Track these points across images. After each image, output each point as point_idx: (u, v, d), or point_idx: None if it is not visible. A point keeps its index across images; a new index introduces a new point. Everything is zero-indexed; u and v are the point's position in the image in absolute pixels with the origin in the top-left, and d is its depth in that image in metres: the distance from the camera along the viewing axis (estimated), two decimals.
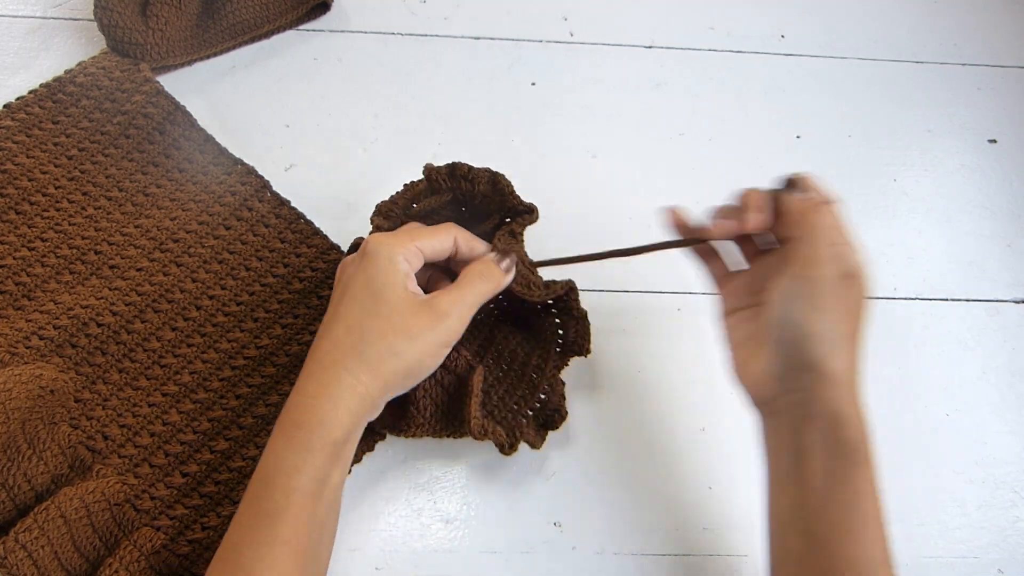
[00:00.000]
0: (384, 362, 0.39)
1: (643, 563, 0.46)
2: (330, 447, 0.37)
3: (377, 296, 0.39)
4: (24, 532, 0.39)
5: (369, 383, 0.38)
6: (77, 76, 0.56)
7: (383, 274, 0.40)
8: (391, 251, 0.40)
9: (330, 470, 0.37)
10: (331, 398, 0.38)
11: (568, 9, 0.67)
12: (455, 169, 0.46)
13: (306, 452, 0.37)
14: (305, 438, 0.37)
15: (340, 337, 0.39)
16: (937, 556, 0.49)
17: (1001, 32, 0.71)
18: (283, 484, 0.36)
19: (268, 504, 0.36)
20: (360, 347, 0.39)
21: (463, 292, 0.41)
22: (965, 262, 0.59)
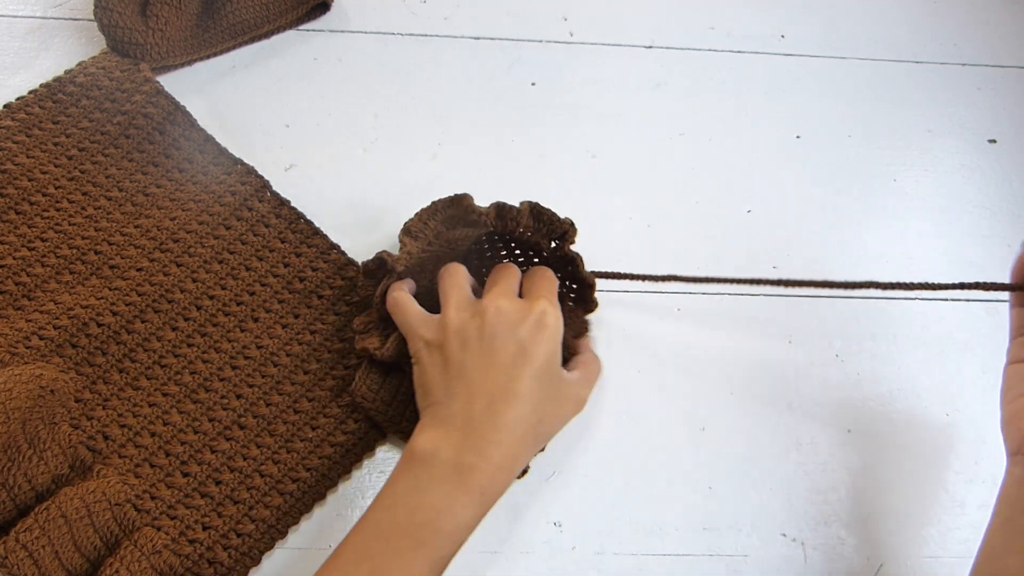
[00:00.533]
0: (545, 441, 0.44)
1: (643, 563, 0.46)
2: (489, 504, 0.41)
3: (553, 376, 0.43)
4: (25, 532, 0.39)
5: (530, 458, 0.44)
6: (77, 76, 0.56)
7: (558, 354, 0.43)
8: (559, 324, 0.43)
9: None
10: (508, 472, 0.41)
11: (568, 9, 0.67)
12: (501, 211, 0.46)
13: (478, 509, 0.40)
14: (478, 499, 0.40)
15: (528, 414, 0.42)
16: (937, 556, 0.49)
17: (1001, 32, 0.71)
18: (450, 534, 0.39)
19: (435, 552, 0.39)
20: (541, 428, 0.43)
21: (592, 384, 0.47)
22: (965, 262, 0.59)
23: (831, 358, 0.54)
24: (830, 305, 0.56)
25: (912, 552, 0.49)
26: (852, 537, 0.49)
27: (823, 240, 0.59)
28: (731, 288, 0.56)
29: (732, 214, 0.59)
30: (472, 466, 0.39)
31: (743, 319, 0.55)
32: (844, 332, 0.55)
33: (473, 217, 0.46)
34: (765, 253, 0.58)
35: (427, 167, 0.58)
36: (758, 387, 0.53)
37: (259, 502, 0.45)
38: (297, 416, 0.47)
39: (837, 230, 0.60)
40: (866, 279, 0.57)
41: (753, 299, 0.56)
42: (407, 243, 0.46)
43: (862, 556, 0.48)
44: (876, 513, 0.50)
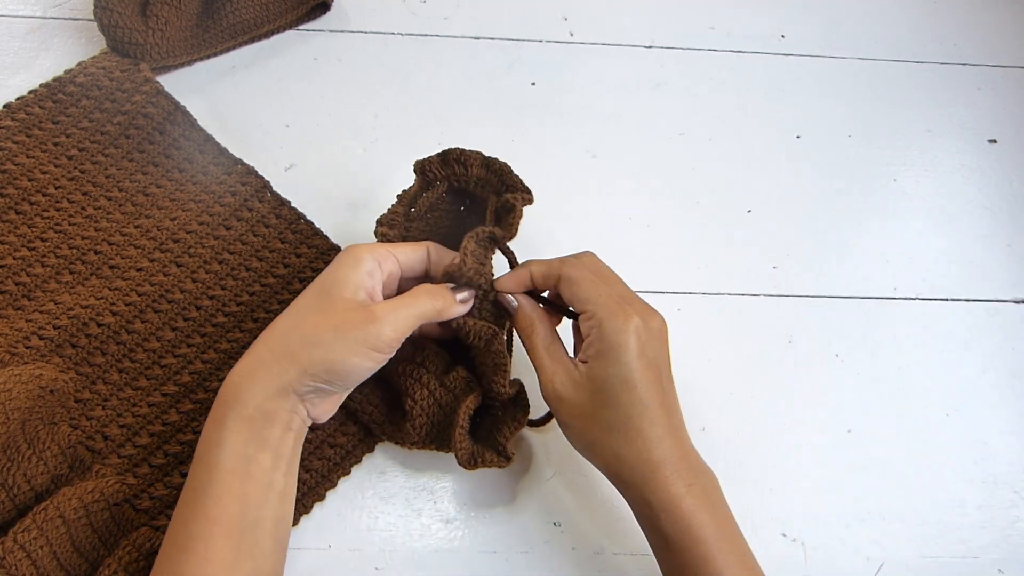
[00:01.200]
0: (305, 349, 0.39)
1: (643, 563, 0.46)
2: (246, 424, 0.38)
3: (324, 293, 0.41)
4: (23, 532, 0.39)
5: (287, 366, 0.39)
6: (77, 76, 0.56)
7: (339, 273, 0.41)
8: (359, 252, 0.41)
9: (254, 451, 0.38)
10: (247, 376, 0.39)
11: (568, 9, 0.67)
12: (447, 155, 0.46)
13: (222, 427, 0.38)
14: (222, 414, 0.38)
15: (277, 324, 0.41)
16: (937, 556, 0.49)
17: (1001, 32, 0.71)
18: (206, 460, 0.38)
19: (195, 482, 0.38)
20: (288, 332, 0.40)
21: (404, 303, 0.41)
22: (965, 262, 0.59)
23: (831, 358, 0.54)
24: (830, 305, 0.56)
25: (912, 552, 0.49)
26: (852, 537, 0.49)
27: (823, 240, 0.59)
28: (731, 288, 0.56)
29: (732, 214, 0.59)
30: (223, 383, 0.40)
31: (743, 319, 0.55)
32: (844, 332, 0.55)
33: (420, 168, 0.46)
34: (765, 253, 0.58)
35: None
36: (758, 387, 0.53)
37: None
38: None
39: (837, 230, 0.60)
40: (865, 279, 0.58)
41: (753, 299, 0.56)
42: (381, 231, 0.46)
43: (862, 556, 0.48)
44: (876, 513, 0.49)
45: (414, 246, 0.44)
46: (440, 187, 0.47)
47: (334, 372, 0.39)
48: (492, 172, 0.46)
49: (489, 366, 0.44)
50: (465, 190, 0.48)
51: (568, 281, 0.42)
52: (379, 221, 0.46)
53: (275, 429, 0.39)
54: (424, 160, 0.47)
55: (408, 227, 0.47)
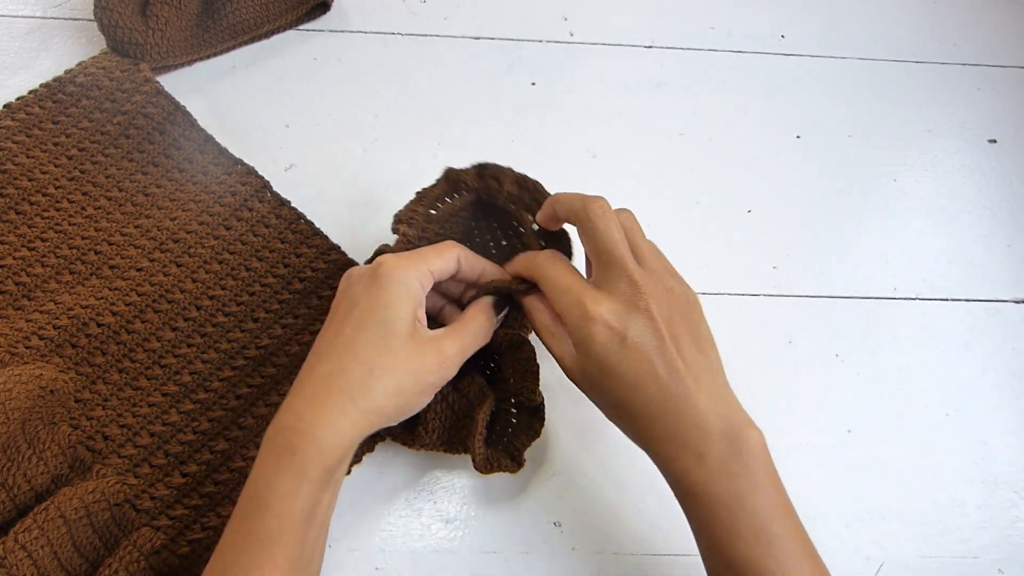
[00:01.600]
0: (389, 399, 0.38)
1: (643, 563, 0.46)
2: (325, 474, 0.37)
3: (389, 328, 0.38)
4: (24, 532, 0.39)
5: (373, 419, 0.38)
6: (77, 76, 0.56)
7: (396, 304, 0.39)
8: (406, 277, 0.39)
9: (322, 495, 0.37)
10: (332, 427, 0.37)
11: (568, 9, 0.67)
12: (483, 169, 0.46)
13: (301, 478, 0.36)
14: (301, 464, 0.36)
15: (347, 366, 0.38)
16: (937, 556, 0.49)
17: (1001, 32, 0.71)
18: (277, 510, 0.36)
19: (261, 529, 0.36)
20: (369, 381, 0.38)
21: (468, 339, 0.41)
22: (965, 262, 0.59)
23: (831, 358, 0.54)
24: (830, 305, 0.56)
25: (912, 552, 0.49)
26: (852, 537, 0.49)
27: (823, 240, 0.59)
28: (731, 288, 0.56)
29: (732, 214, 0.59)
30: (285, 426, 0.37)
31: (743, 319, 0.55)
32: (844, 332, 0.55)
33: (454, 177, 0.46)
34: (765, 253, 0.58)
35: (427, 167, 0.58)
36: (758, 387, 0.53)
37: None
38: None
39: (837, 230, 0.60)
40: (865, 279, 0.58)
41: (753, 299, 0.56)
42: (401, 229, 0.46)
43: (862, 556, 0.48)
44: (876, 513, 0.49)
45: (445, 254, 0.43)
46: (468, 197, 0.47)
47: (407, 413, 0.41)
48: (524, 190, 0.46)
49: (519, 372, 0.44)
50: (492, 204, 0.48)
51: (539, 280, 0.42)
52: (398, 218, 0.46)
53: (342, 469, 0.39)
54: (459, 170, 0.47)
55: (425, 227, 0.47)
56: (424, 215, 0.47)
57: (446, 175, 0.47)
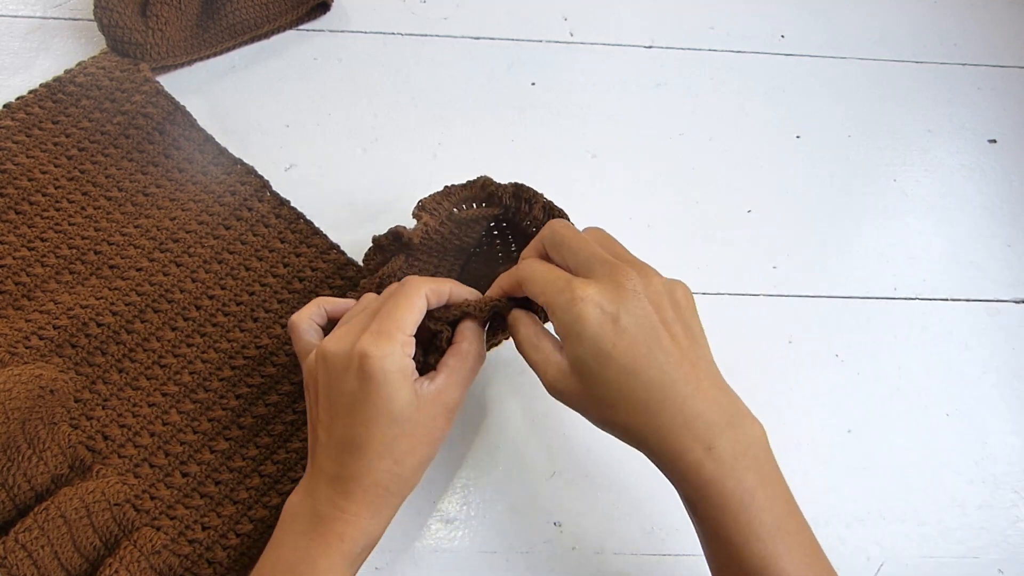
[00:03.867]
0: (417, 473, 0.41)
1: (643, 563, 0.46)
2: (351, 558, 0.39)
3: (399, 419, 0.39)
4: (24, 532, 0.39)
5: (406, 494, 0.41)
6: (77, 76, 0.56)
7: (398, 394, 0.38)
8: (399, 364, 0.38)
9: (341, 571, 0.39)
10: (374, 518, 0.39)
11: (568, 9, 0.67)
12: (520, 189, 0.47)
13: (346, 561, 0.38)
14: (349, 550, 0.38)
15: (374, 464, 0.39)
16: (937, 556, 0.49)
17: (1001, 32, 0.71)
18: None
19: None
20: (397, 470, 0.39)
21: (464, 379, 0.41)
22: (965, 262, 0.59)
23: (831, 358, 0.54)
24: (830, 305, 0.56)
25: (912, 552, 0.49)
26: (852, 537, 0.49)
27: (823, 240, 0.59)
28: (731, 288, 0.56)
29: (732, 214, 0.59)
30: (325, 515, 0.39)
31: (743, 319, 0.55)
32: (844, 332, 0.55)
33: (491, 189, 0.47)
34: (765, 253, 0.58)
35: (427, 167, 0.58)
36: (758, 387, 0.53)
37: (257, 502, 0.45)
38: (295, 416, 0.47)
39: (837, 230, 0.60)
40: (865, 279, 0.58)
41: (753, 299, 0.56)
42: (423, 217, 0.46)
43: (862, 556, 0.48)
44: (876, 513, 0.49)
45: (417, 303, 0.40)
46: (494, 210, 0.48)
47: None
48: (550, 216, 0.47)
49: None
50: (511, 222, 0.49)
51: (524, 282, 0.41)
52: (422, 205, 0.47)
53: None
54: (496, 183, 0.47)
55: (444, 222, 0.48)
56: (447, 211, 0.47)
57: (482, 184, 0.48)
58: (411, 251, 0.47)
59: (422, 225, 0.46)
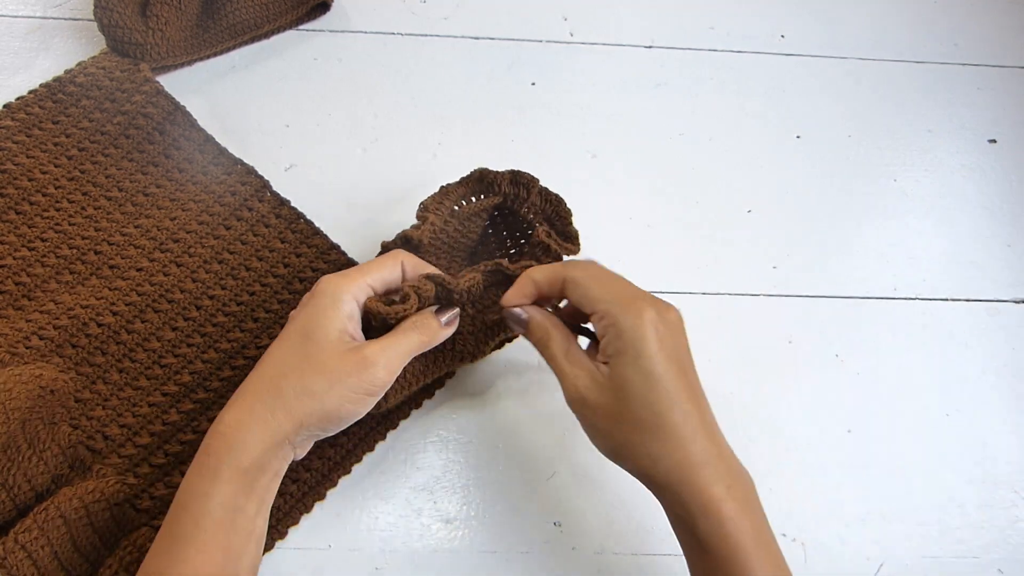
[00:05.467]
0: (299, 400, 0.38)
1: (643, 563, 0.46)
2: (239, 476, 0.37)
3: (308, 336, 0.39)
4: (24, 532, 0.39)
5: (283, 419, 0.38)
6: (77, 76, 0.56)
7: (320, 314, 0.40)
8: (337, 290, 0.40)
9: (243, 501, 0.37)
10: (242, 427, 0.38)
11: (568, 9, 0.67)
12: (517, 175, 0.48)
13: (214, 479, 0.37)
14: (214, 465, 0.37)
15: (264, 371, 0.39)
16: (937, 556, 0.49)
17: (1001, 32, 0.71)
18: (193, 510, 0.36)
19: (178, 530, 0.36)
20: (279, 382, 0.39)
21: (394, 342, 0.40)
22: (965, 262, 0.59)
23: (831, 358, 0.54)
24: (830, 305, 0.56)
25: (912, 552, 0.49)
26: (852, 537, 0.49)
27: (823, 240, 0.59)
28: (731, 288, 0.56)
29: (732, 214, 0.59)
30: (209, 431, 0.39)
31: (743, 319, 0.55)
32: (844, 332, 0.55)
33: (489, 179, 0.48)
34: (765, 253, 0.58)
35: (427, 167, 0.58)
36: (758, 387, 0.53)
37: None
38: None
39: (837, 230, 0.60)
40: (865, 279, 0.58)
41: (753, 299, 0.56)
42: (428, 217, 0.47)
43: (862, 556, 0.48)
44: (876, 513, 0.49)
45: (388, 265, 0.43)
46: (494, 200, 0.49)
47: (330, 420, 0.39)
48: (547, 202, 0.49)
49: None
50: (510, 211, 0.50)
51: (574, 283, 0.41)
52: (425, 206, 0.48)
53: (265, 478, 0.38)
54: (493, 172, 0.48)
55: (447, 220, 0.48)
56: (448, 209, 0.48)
57: (480, 175, 0.48)
58: (421, 253, 0.47)
59: (429, 225, 0.47)
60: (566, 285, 0.41)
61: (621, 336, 0.38)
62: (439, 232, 0.48)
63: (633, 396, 0.38)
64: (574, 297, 0.41)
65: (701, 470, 0.37)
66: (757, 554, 0.36)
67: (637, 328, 0.38)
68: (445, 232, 0.48)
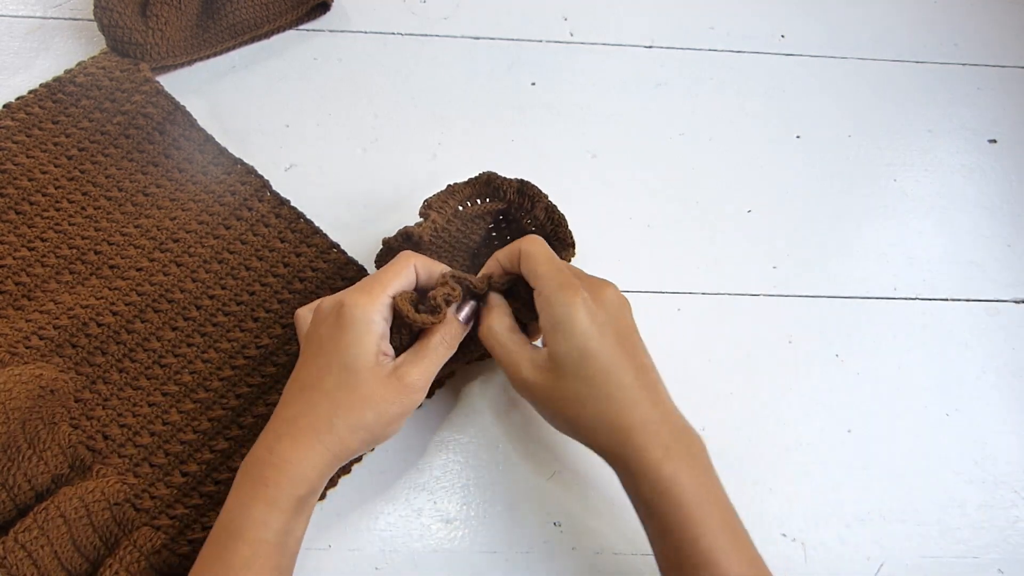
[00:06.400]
0: (353, 434, 0.40)
1: (643, 563, 0.46)
2: (296, 504, 0.39)
3: (350, 367, 0.40)
4: (24, 532, 0.39)
5: (337, 451, 0.40)
6: (77, 76, 0.56)
7: (357, 343, 0.40)
8: (366, 315, 0.40)
9: (294, 524, 0.39)
10: (300, 461, 0.39)
11: (568, 9, 0.67)
12: (525, 186, 0.48)
13: (274, 508, 0.38)
14: (274, 495, 0.38)
15: (315, 403, 0.40)
16: (937, 556, 0.49)
17: (1001, 32, 0.71)
18: (251, 538, 0.37)
19: (235, 557, 0.37)
20: (332, 419, 0.40)
21: (428, 361, 0.42)
22: (965, 262, 0.59)
23: (831, 358, 0.54)
24: (830, 305, 0.56)
25: (912, 552, 0.49)
26: (852, 537, 0.49)
27: (823, 240, 0.59)
28: (731, 288, 0.56)
29: (732, 214, 0.59)
30: (257, 459, 0.39)
31: (743, 319, 0.55)
32: (844, 332, 0.55)
33: (496, 183, 0.48)
34: (765, 253, 0.58)
35: (427, 167, 0.58)
36: (758, 387, 0.53)
37: None
38: None
39: (837, 230, 0.60)
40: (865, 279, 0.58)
41: (753, 299, 0.56)
42: (431, 214, 0.47)
43: (862, 556, 0.48)
44: (876, 513, 0.49)
45: (403, 272, 0.43)
46: (498, 205, 0.49)
47: (374, 443, 0.42)
48: (550, 220, 0.49)
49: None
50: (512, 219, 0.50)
51: (527, 255, 0.43)
52: (429, 204, 0.48)
53: (313, 499, 0.40)
54: (501, 178, 0.49)
55: (451, 220, 0.48)
56: (452, 208, 0.48)
57: (488, 179, 0.49)
58: (421, 250, 0.47)
59: (430, 223, 0.47)
60: (521, 256, 0.43)
61: (554, 315, 0.40)
62: (441, 231, 0.48)
63: (571, 373, 0.40)
64: (524, 269, 0.43)
65: (640, 435, 0.39)
66: (701, 509, 0.37)
67: (568, 306, 0.40)
68: (447, 231, 0.48)
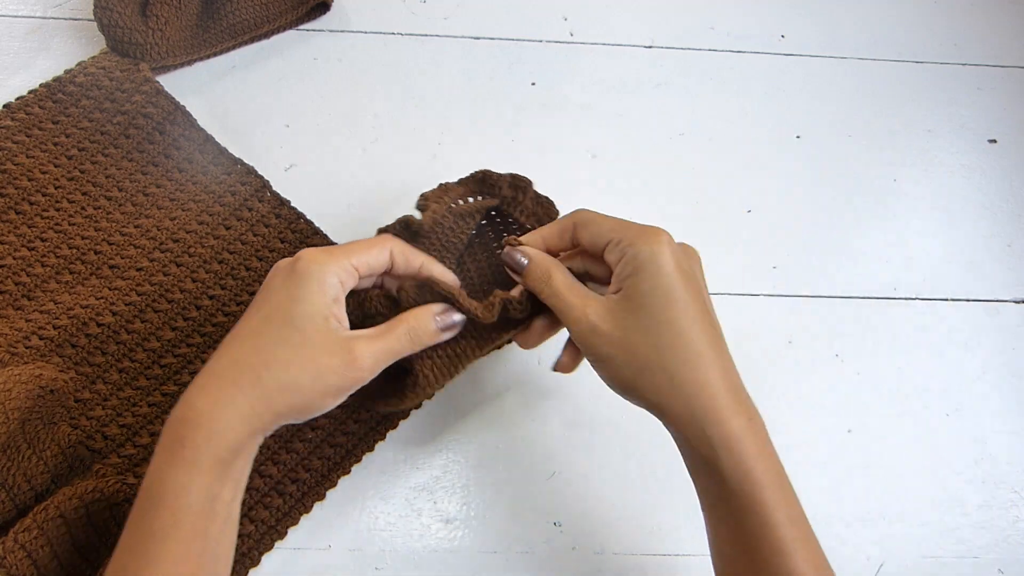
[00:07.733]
0: (281, 394, 0.36)
1: (643, 563, 0.46)
2: (217, 464, 0.35)
3: (293, 323, 0.37)
4: (23, 532, 0.39)
5: (262, 411, 0.36)
6: (77, 76, 0.56)
7: (305, 298, 0.37)
8: (323, 272, 0.37)
9: (219, 488, 0.35)
10: (218, 416, 0.35)
11: (568, 9, 0.67)
12: (516, 179, 0.49)
13: (191, 469, 0.35)
14: (192, 456, 0.35)
15: (244, 356, 0.37)
16: (937, 556, 0.49)
17: (1001, 32, 0.71)
18: (171, 504, 0.34)
19: (155, 523, 0.34)
20: (259, 372, 0.36)
21: (386, 347, 0.38)
22: (965, 262, 0.59)
23: (831, 358, 0.54)
24: (830, 305, 0.56)
25: (912, 552, 0.49)
26: (852, 537, 0.49)
27: (823, 240, 0.59)
28: (731, 288, 0.56)
29: (732, 214, 0.59)
30: (176, 417, 0.36)
31: (743, 319, 0.55)
32: (844, 332, 0.55)
33: (491, 180, 0.48)
34: (765, 253, 0.58)
35: (427, 167, 0.58)
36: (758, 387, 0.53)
37: (258, 503, 0.45)
38: None
39: (837, 230, 0.60)
40: (865, 279, 0.58)
41: (753, 299, 0.56)
42: (429, 206, 0.47)
43: (862, 556, 0.48)
44: (875, 513, 0.49)
45: (376, 248, 0.41)
46: (491, 201, 0.49)
47: (305, 413, 0.38)
48: (539, 205, 0.49)
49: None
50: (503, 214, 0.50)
51: (584, 223, 0.40)
52: (425, 196, 0.48)
53: (240, 462, 0.37)
54: (494, 174, 0.49)
55: (444, 215, 0.48)
56: (447, 205, 0.48)
57: (483, 177, 0.49)
58: (420, 240, 0.46)
59: (431, 213, 0.47)
60: (576, 227, 0.40)
61: (638, 256, 0.37)
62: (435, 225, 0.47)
63: (651, 314, 0.36)
64: (586, 236, 0.40)
65: (720, 400, 0.35)
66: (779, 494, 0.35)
67: (655, 247, 0.37)
68: (442, 226, 0.48)
